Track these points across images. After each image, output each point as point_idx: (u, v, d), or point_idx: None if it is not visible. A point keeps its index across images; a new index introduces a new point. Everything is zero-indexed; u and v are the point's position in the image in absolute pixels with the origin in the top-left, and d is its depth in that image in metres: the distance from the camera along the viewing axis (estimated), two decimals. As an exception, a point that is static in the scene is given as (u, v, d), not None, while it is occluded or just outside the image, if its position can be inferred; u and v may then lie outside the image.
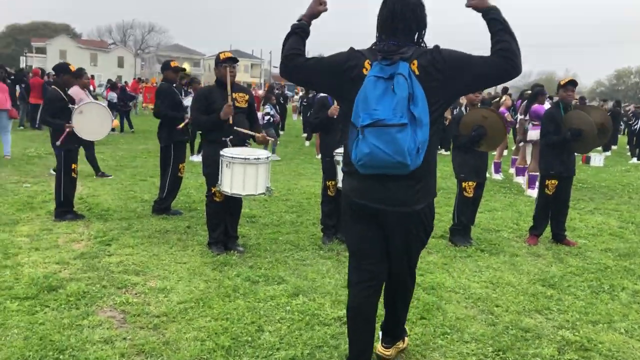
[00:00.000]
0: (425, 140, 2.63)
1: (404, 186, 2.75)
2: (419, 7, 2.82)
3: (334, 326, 3.80)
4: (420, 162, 2.64)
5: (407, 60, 2.68)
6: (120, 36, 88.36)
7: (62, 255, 5.03)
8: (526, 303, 4.41)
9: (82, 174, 8.99)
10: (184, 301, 4.11)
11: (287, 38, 3.01)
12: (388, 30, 2.79)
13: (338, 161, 5.55)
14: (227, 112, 5.08)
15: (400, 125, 2.55)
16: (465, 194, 5.99)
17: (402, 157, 2.56)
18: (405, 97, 2.57)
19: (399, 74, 2.60)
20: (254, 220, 6.66)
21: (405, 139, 2.55)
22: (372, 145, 2.58)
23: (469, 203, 6.05)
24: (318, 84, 3.12)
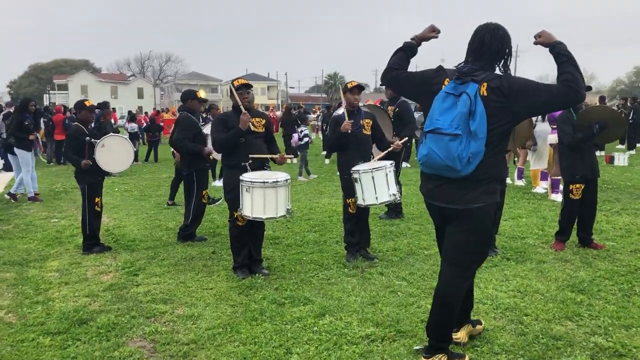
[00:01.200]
0: (478, 152, 3.06)
1: (461, 187, 3.18)
2: (505, 39, 3.26)
3: (362, 344, 3.80)
4: (471, 169, 3.08)
5: (479, 82, 3.12)
6: (139, 68, 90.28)
7: (91, 288, 5.13)
8: (556, 310, 4.34)
9: (107, 206, 9.16)
10: (212, 327, 4.14)
11: (395, 52, 3.61)
12: (475, 55, 3.26)
13: (356, 179, 5.58)
14: (244, 120, 5.14)
15: (454, 135, 3.04)
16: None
17: (452, 162, 3.06)
18: (465, 113, 3.04)
19: (466, 93, 3.07)
20: (277, 241, 6.70)
21: (456, 148, 3.04)
22: (429, 148, 3.14)
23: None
24: (408, 92, 3.91)
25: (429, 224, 7.45)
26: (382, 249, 6.26)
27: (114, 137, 6.68)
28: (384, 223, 7.63)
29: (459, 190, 3.20)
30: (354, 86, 5.81)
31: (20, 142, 10.20)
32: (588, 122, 5.86)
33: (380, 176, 5.54)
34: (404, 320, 4.19)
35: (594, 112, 5.94)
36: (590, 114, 5.93)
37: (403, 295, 4.76)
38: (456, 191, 3.21)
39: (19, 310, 4.59)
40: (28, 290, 5.07)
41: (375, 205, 5.73)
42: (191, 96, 7.06)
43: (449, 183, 3.21)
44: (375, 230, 7.03)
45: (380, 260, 5.80)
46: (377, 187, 5.53)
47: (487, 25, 3.29)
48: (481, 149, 3.06)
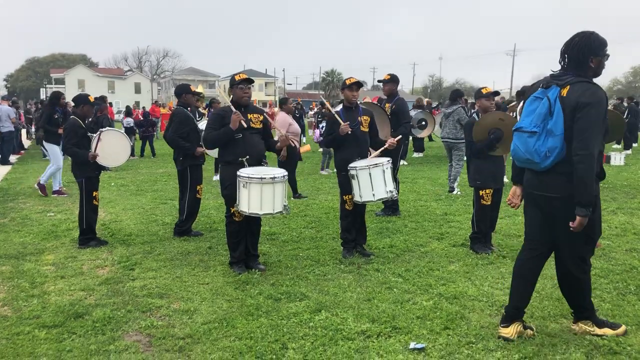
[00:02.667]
0: (555, 147, 3.42)
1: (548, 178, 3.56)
2: (585, 45, 3.49)
3: (358, 340, 3.80)
4: (549, 162, 3.46)
5: (561, 85, 3.48)
6: (136, 63, 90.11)
7: (87, 282, 5.12)
8: (551, 308, 4.36)
9: (104, 201, 9.15)
10: (208, 322, 4.14)
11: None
12: (570, 61, 3.56)
13: (353, 175, 5.58)
14: (234, 119, 5.15)
15: (531, 132, 3.51)
16: (483, 202, 5.95)
17: (531, 155, 3.52)
18: (543, 113, 3.48)
19: (547, 96, 3.49)
20: (274, 237, 6.70)
21: (533, 143, 3.49)
22: (514, 144, 3.65)
23: (488, 210, 6.01)
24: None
25: (425, 222, 7.48)
26: (378, 246, 6.27)
27: (111, 132, 6.65)
28: (381, 220, 7.64)
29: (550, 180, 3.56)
30: (353, 83, 5.81)
31: (49, 135, 10.20)
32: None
33: (377, 173, 5.55)
34: (400, 316, 4.20)
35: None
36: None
37: (399, 291, 4.77)
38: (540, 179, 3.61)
39: (14, 304, 4.58)
40: (24, 284, 5.06)
41: (372, 202, 5.74)
42: (185, 90, 7.01)
43: (539, 174, 3.60)
44: (372, 227, 7.04)
45: (377, 257, 5.81)
46: (374, 184, 5.54)
47: (577, 33, 3.58)
48: (558, 145, 3.41)
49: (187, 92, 6.98)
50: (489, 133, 5.70)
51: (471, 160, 6.04)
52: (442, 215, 7.89)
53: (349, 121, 5.71)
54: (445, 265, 5.53)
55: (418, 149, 17.27)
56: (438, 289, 4.82)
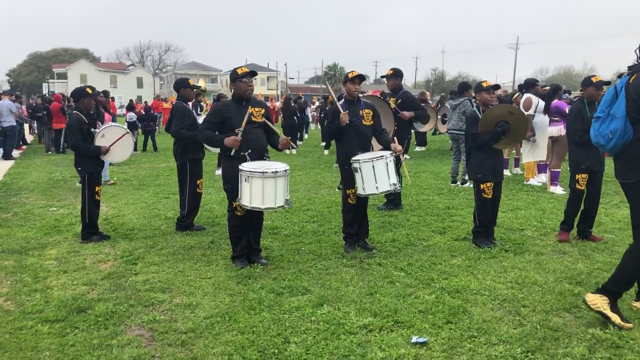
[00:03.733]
0: (617, 129, 3.71)
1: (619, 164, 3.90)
2: None
3: (360, 334, 3.80)
4: (612, 144, 3.76)
5: (631, 73, 3.75)
6: (138, 57, 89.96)
7: (89, 276, 5.13)
8: (554, 302, 4.35)
9: (106, 195, 9.16)
10: (210, 316, 4.15)
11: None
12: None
13: (356, 168, 5.56)
14: (232, 144, 5.15)
15: (597, 118, 3.90)
16: (484, 195, 5.92)
17: (596, 139, 3.90)
18: (608, 100, 3.83)
19: (615, 84, 3.81)
20: (276, 231, 6.70)
21: (598, 127, 3.87)
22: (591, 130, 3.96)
23: (489, 204, 5.98)
24: None
25: (428, 216, 7.46)
26: (380, 240, 6.26)
27: (114, 128, 6.63)
28: (383, 214, 7.63)
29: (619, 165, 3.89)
30: (355, 76, 5.78)
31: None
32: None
33: (380, 165, 5.53)
34: (402, 310, 4.19)
35: None
36: None
37: (401, 285, 4.76)
38: (619, 166, 3.91)
39: (17, 298, 4.59)
40: (26, 278, 5.07)
41: (376, 195, 5.73)
42: (184, 84, 7.00)
43: (615, 159, 3.91)
44: (374, 222, 7.03)
45: (379, 251, 5.81)
46: (377, 177, 5.52)
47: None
48: (620, 127, 3.68)
49: (185, 87, 6.97)
50: (496, 125, 5.66)
51: (471, 153, 6.01)
52: (445, 209, 7.88)
53: (350, 115, 5.69)
54: (447, 259, 5.53)
55: (420, 143, 17.24)
56: (440, 283, 4.81)
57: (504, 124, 5.63)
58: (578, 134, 5.91)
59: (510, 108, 5.83)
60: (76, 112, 6.35)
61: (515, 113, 5.71)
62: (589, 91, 6.06)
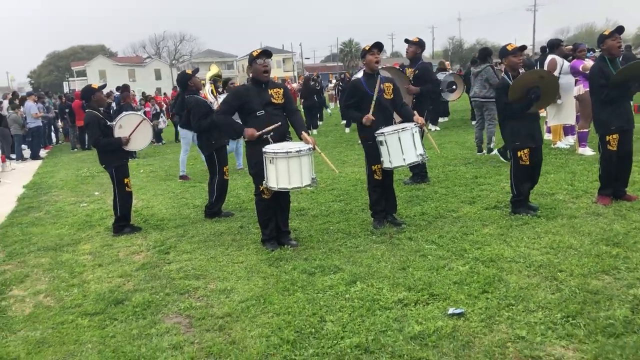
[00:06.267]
0: None
1: None
2: None
3: (395, 309, 3.79)
4: None
5: None
6: (154, 49, 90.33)
7: (124, 268, 5.20)
8: (591, 265, 4.26)
9: (134, 188, 9.23)
10: (245, 300, 4.18)
11: None
12: None
13: (381, 141, 5.49)
14: (250, 135, 5.13)
15: None
16: (521, 163, 5.70)
17: None
18: None
19: None
20: (303, 213, 6.70)
21: None
22: None
23: (528, 171, 5.75)
24: None
25: (456, 187, 7.38)
26: (409, 214, 6.21)
27: (129, 116, 6.60)
28: (410, 188, 7.56)
29: None
30: (373, 45, 5.65)
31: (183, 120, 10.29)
32: (625, 79, 5.60)
33: (406, 137, 5.45)
34: (436, 283, 4.16)
35: (629, 70, 5.63)
36: (627, 71, 5.62)
37: (433, 258, 4.72)
38: None
39: (56, 294, 4.69)
40: (63, 274, 5.17)
41: (403, 167, 5.67)
42: (187, 78, 6.99)
43: None
44: (401, 196, 6.97)
45: (408, 225, 5.76)
46: (404, 148, 5.45)
47: None
48: None
49: (188, 78, 6.95)
50: (529, 93, 5.45)
51: (505, 123, 5.78)
52: (473, 179, 7.77)
53: (370, 89, 5.62)
54: (479, 229, 5.46)
55: (443, 113, 17.00)
56: (473, 253, 4.76)
57: (537, 90, 5.45)
58: (604, 92, 5.70)
59: (541, 72, 5.65)
60: (90, 111, 6.32)
61: (546, 76, 5.52)
62: (607, 44, 5.81)
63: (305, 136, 5.18)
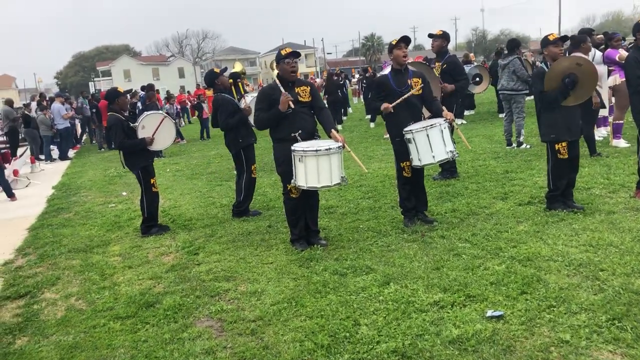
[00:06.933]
0: None
1: None
2: None
3: (432, 312, 3.68)
4: None
5: None
6: (177, 47, 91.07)
7: (154, 270, 5.19)
8: (634, 263, 4.09)
9: (161, 187, 9.27)
10: (276, 302, 4.11)
11: None
12: None
13: (410, 139, 5.38)
14: (284, 100, 5.03)
15: None
16: (559, 156, 5.50)
17: None
18: None
19: None
20: (332, 211, 6.61)
21: None
22: None
23: (566, 165, 5.54)
24: None
25: (486, 182, 7.21)
26: (440, 211, 6.09)
27: (151, 115, 6.59)
28: (439, 184, 7.42)
29: None
30: (400, 39, 5.54)
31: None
32: None
33: (435, 134, 5.32)
34: (472, 283, 4.04)
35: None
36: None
37: (468, 257, 4.60)
38: None
39: (87, 296, 4.69)
40: (94, 276, 5.18)
41: (433, 165, 5.54)
42: (215, 76, 6.92)
43: None
44: (431, 192, 6.84)
45: (440, 223, 5.64)
46: (433, 146, 5.32)
47: None
48: None
49: (217, 76, 6.89)
50: (564, 79, 5.28)
51: (542, 114, 5.58)
52: (504, 174, 7.59)
53: (397, 85, 5.51)
54: (513, 226, 5.31)
55: (469, 106, 16.72)
56: (509, 251, 4.62)
57: (572, 75, 5.25)
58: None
59: (578, 59, 5.41)
60: (112, 114, 6.31)
61: (584, 64, 5.30)
62: (550, 50, 5.52)
63: (334, 134, 5.08)
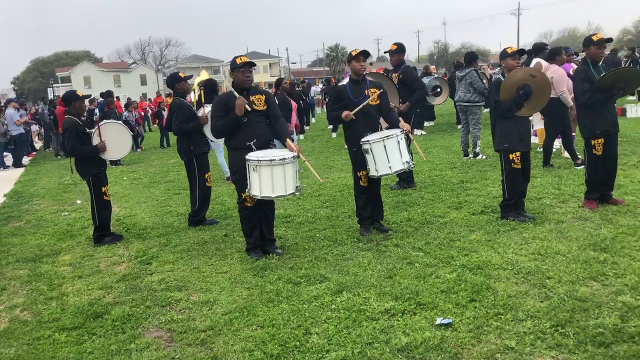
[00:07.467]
0: None
1: None
2: None
3: (382, 320, 3.70)
4: None
5: None
6: (140, 54, 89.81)
7: (104, 280, 5.07)
8: (579, 271, 4.21)
9: (117, 196, 9.11)
10: (228, 312, 4.07)
11: None
12: None
13: (367, 150, 5.42)
14: (239, 104, 5.01)
15: None
16: (514, 165, 5.66)
17: None
18: None
19: None
20: (290, 220, 6.60)
21: None
22: None
23: (519, 175, 5.70)
24: None
25: (442, 192, 7.32)
26: (396, 220, 6.14)
27: (108, 124, 6.48)
28: (396, 194, 7.50)
29: None
30: (359, 52, 5.62)
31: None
32: (608, 85, 5.58)
33: (392, 144, 5.39)
34: (424, 291, 4.08)
35: (613, 76, 5.61)
36: (611, 77, 5.59)
37: (420, 266, 4.65)
38: None
39: (33, 307, 4.55)
40: (42, 287, 5.03)
41: (389, 175, 5.60)
42: (176, 79, 6.86)
43: None
44: (388, 202, 6.91)
45: (395, 232, 5.69)
46: (389, 156, 5.38)
47: None
48: None
49: (178, 81, 6.84)
50: (518, 89, 5.45)
51: (497, 123, 5.73)
52: (459, 184, 7.73)
53: (355, 96, 5.57)
54: (466, 234, 5.40)
55: (428, 117, 16.99)
56: (460, 260, 4.69)
57: (526, 86, 5.41)
58: (587, 95, 5.67)
59: (532, 71, 5.59)
60: (69, 117, 6.17)
61: (537, 76, 5.47)
62: (591, 50, 5.83)
63: (289, 143, 5.09)
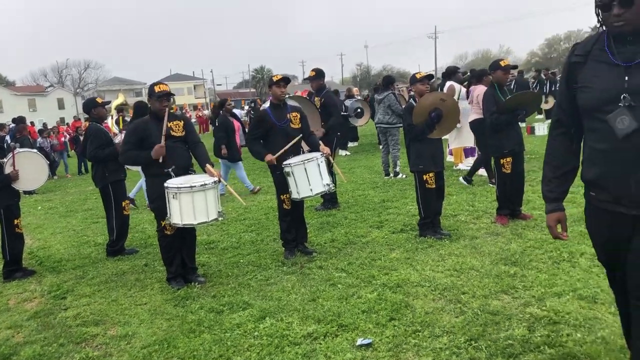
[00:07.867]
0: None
1: None
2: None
3: (305, 344, 3.72)
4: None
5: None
6: (57, 78, 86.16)
7: (14, 318, 4.78)
8: (492, 285, 4.41)
9: (30, 227, 8.66)
10: (147, 345, 3.94)
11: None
12: None
13: (288, 172, 5.47)
14: (158, 152, 4.95)
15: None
16: (427, 186, 5.90)
17: None
18: None
19: None
20: (213, 246, 6.51)
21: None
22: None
23: (433, 194, 5.95)
24: None
25: (365, 211, 7.47)
26: (320, 242, 6.20)
27: (22, 153, 6.20)
28: (321, 215, 7.58)
29: None
30: (280, 79, 5.70)
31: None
32: (512, 107, 5.96)
33: (312, 167, 5.46)
34: (345, 313, 4.14)
35: (516, 99, 6.01)
36: (514, 100, 5.99)
37: (343, 287, 4.71)
38: None
39: None
40: (-57, 329, 4.68)
41: (311, 197, 5.66)
42: (93, 104, 6.68)
43: None
44: (312, 223, 6.97)
45: (319, 254, 5.74)
46: (310, 179, 5.45)
47: None
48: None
49: (95, 106, 6.65)
50: (430, 113, 5.69)
51: (411, 145, 5.97)
52: (380, 203, 7.92)
53: (277, 119, 5.62)
54: (386, 253, 5.53)
55: (352, 138, 17.34)
56: (381, 279, 4.80)
57: (437, 110, 5.67)
58: (493, 115, 6.04)
59: (442, 95, 5.89)
60: None
61: (447, 100, 5.76)
62: (497, 75, 6.25)
63: (209, 169, 5.04)
